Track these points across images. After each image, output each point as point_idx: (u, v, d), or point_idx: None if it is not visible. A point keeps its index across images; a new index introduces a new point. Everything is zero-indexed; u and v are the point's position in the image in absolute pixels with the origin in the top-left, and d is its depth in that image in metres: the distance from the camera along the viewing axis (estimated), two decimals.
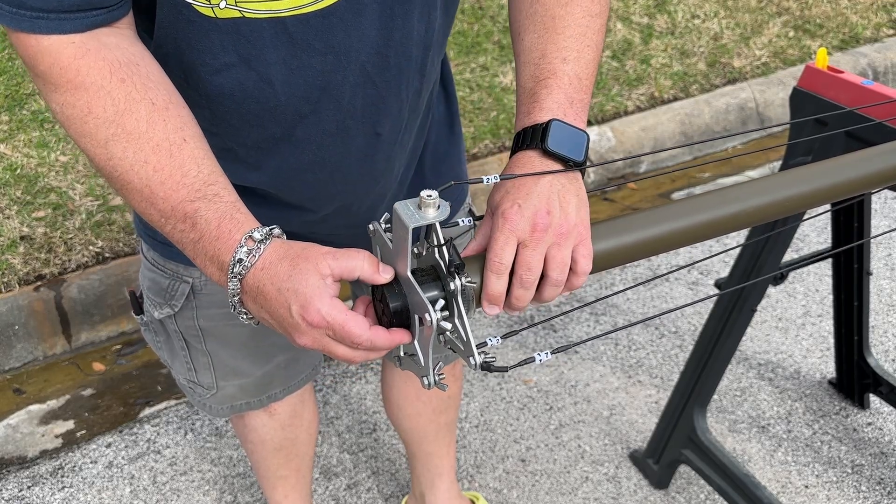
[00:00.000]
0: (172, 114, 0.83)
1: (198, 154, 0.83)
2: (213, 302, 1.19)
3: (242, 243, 0.79)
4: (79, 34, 0.81)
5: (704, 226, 0.91)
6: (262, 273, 0.79)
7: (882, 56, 3.80)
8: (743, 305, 1.66)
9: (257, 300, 0.80)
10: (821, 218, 2.79)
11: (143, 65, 0.84)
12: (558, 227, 0.81)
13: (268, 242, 0.80)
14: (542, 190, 0.83)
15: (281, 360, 1.32)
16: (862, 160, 1.04)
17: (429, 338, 0.78)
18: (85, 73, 0.81)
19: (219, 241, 0.80)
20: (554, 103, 0.89)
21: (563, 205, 0.83)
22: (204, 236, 0.81)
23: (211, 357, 1.27)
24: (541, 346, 2.36)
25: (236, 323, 1.23)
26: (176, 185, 0.81)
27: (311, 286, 0.76)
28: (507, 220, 0.81)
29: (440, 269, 0.78)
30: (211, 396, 1.33)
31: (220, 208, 0.81)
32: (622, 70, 3.51)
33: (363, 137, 1.02)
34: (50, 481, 1.97)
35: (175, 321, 1.23)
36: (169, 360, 1.31)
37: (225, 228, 0.80)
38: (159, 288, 1.20)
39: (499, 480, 1.97)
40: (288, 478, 1.59)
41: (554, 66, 0.91)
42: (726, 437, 2.08)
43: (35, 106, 2.89)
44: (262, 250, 0.79)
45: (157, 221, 0.84)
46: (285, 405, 1.44)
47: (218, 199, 0.81)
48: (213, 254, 0.81)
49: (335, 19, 0.89)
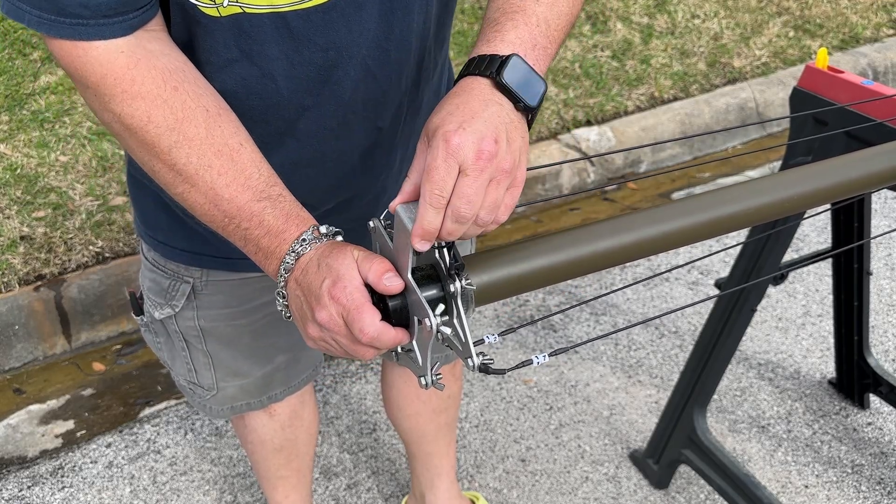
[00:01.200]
0: (225, 119, 0.86)
1: (255, 157, 0.87)
2: (213, 302, 1.19)
3: (311, 230, 0.83)
4: (125, 41, 0.82)
5: (704, 226, 0.91)
6: (314, 252, 0.82)
7: (882, 56, 3.80)
8: (743, 305, 1.66)
9: (300, 278, 0.82)
10: (821, 218, 2.79)
11: (188, 71, 0.86)
12: (502, 160, 0.74)
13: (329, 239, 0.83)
14: (491, 116, 0.76)
15: (281, 360, 1.32)
16: (862, 160, 1.05)
17: (428, 339, 0.78)
18: (140, 83, 0.82)
19: (286, 232, 0.83)
20: (517, 38, 0.84)
21: (510, 138, 0.76)
22: (271, 230, 0.84)
23: (211, 358, 1.27)
24: (540, 345, 2.36)
25: (237, 323, 1.23)
26: (241, 187, 0.84)
27: (346, 269, 0.78)
28: (448, 142, 0.73)
29: (440, 270, 0.78)
30: (211, 397, 1.33)
31: (286, 207, 0.85)
32: (622, 70, 3.51)
33: (364, 131, 1.02)
34: (50, 481, 1.97)
35: (175, 321, 1.23)
36: (169, 361, 1.31)
37: (293, 221, 0.84)
38: (160, 288, 1.20)
39: (499, 480, 1.97)
40: (288, 478, 1.59)
41: (525, 4, 0.87)
42: (726, 437, 2.08)
43: (35, 106, 2.89)
44: (324, 241, 0.83)
45: (220, 222, 0.86)
46: (285, 406, 1.44)
47: (282, 199, 0.85)
48: (276, 245, 0.84)
49: (336, 14, 0.89)
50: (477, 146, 0.73)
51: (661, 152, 3.32)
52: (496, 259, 0.82)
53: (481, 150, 0.73)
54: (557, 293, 2.58)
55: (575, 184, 3.13)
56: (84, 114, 2.86)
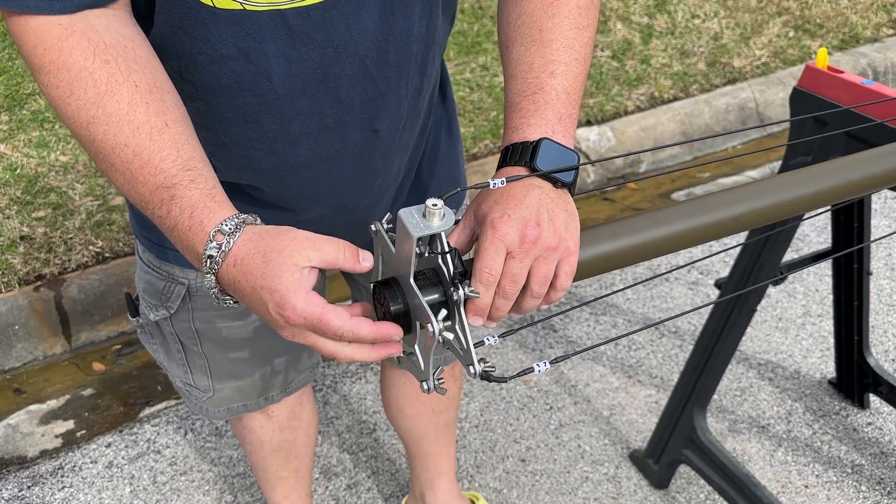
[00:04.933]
0: (156, 97, 0.82)
1: (178, 139, 0.81)
2: (208, 304, 1.19)
3: (212, 238, 0.77)
4: (67, 16, 0.80)
5: (704, 229, 0.91)
6: (234, 269, 0.77)
7: (882, 56, 3.80)
8: (743, 305, 1.66)
9: (236, 293, 0.79)
10: (821, 218, 2.79)
11: (131, 47, 0.83)
12: (546, 240, 0.80)
13: (238, 234, 0.77)
14: (532, 202, 0.81)
15: (278, 361, 1.32)
16: (863, 161, 1.04)
17: (430, 344, 0.77)
18: (68, 54, 0.80)
19: (191, 231, 0.79)
20: (542, 120, 0.87)
21: (552, 218, 0.81)
22: (178, 225, 0.79)
23: (207, 359, 1.26)
24: (540, 345, 2.36)
25: (233, 325, 1.22)
26: (154, 169, 0.79)
27: (285, 283, 0.74)
28: (496, 230, 0.79)
29: (442, 275, 0.78)
30: (207, 399, 1.33)
31: (194, 196, 0.79)
32: (622, 70, 3.51)
33: (360, 134, 1.02)
34: (50, 481, 1.97)
35: (171, 323, 1.22)
36: (165, 362, 1.31)
37: (197, 219, 0.78)
38: (154, 290, 1.19)
39: (499, 480, 1.97)
40: (287, 479, 1.59)
41: (542, 81, 0.90)
42: (726, 437, 2.08)
43: (35, 106, 2.89)
44: (232, 244, 0.77)
45: (141, 206, 0.83)
46: (283, 407, 1.43)
47: (193, 186, 0.79)
48: (189, 244, 0.79)
49: (335, 12, 0.89)
50: (521, 232, 0.79)
51: (661, 152, 3.32)
52: None
53: (525, 235, 0.79)
54: None
55: None
56: None
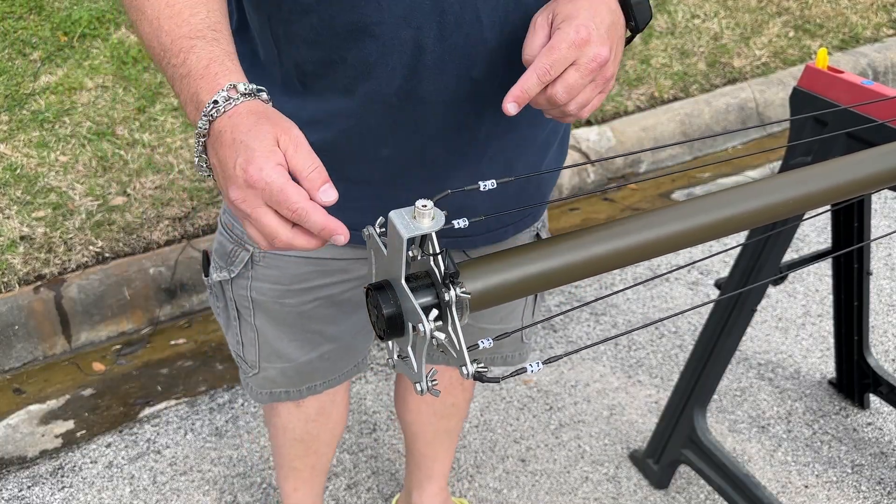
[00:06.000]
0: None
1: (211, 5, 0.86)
2: (267, 276, 1.21)
3: (225, 89, 0.79)
4: None
5: (704, 229, 0.91)
6: (228, 120, 0.78)
7: (882, 56, 3.80)
8: (743, 305, 1.66)
9: (215, 146, 0.80)
10: (821, 218, 2.79)
11: None
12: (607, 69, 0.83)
13: (249, 98, 0.80)
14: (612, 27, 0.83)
15: (326, 350, 1.32)
16: (863, 161, 1.04)
17: (422, 346, 0.77)
18: None
19: (203, 79, 0.81)
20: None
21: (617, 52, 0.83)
22: (192, 73, 0.81)
23: (258, 332, 1.28)
24: (540, 344, 2.36)
25: (285, 302, 1.24)
26: (182, 21, 0.84)
27: (263, 146, 0.75)
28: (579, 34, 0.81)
29: (434, 277, 0.78)
30: (253, 376, 1.34)
31: (215, 51, 0.82)
32: (622, 70, 3.50)
33: (457, 79, 0.99)
34: (50, 481, 1.97)
35: (231, 287, 1.25)
36: (224, 327, 1.34)
37: (213, 70, 0.81)
38: (223, 251, 1.23)
39: (499, 480, 1.97)
40: (301, 471, 1.58)
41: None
42: (726, 437, 2.08)
43: (35, 106, 2.89)
44: (240, 102, 0.79)
45: (158, 54, 0.86)
46: (314, 400, 1.44)
47: (216, 44, 0.83)
48: (195, 91, 0.81)
49: None
50: (596, 50, 0.81)
51: (661, 153, 3.32)
52: (491, 265, 0.81)
53: (598, 55, 0.81)
54: (557, 293, 2.58)
55: (575, 184, 3.13)
56: (84, 114, 2.86)
